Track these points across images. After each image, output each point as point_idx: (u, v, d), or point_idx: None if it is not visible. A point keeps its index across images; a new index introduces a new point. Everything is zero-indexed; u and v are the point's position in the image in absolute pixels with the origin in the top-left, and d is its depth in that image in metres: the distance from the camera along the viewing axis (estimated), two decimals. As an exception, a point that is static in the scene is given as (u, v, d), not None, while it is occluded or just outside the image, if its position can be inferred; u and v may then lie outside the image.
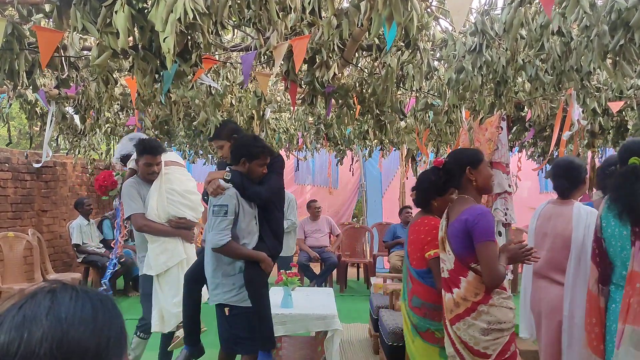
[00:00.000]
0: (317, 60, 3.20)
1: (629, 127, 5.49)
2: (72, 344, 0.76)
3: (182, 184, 3.92)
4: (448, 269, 2.62)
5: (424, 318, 2.92)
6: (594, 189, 6.36)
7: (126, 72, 3.92)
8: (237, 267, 3.31)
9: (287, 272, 4.46)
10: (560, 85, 3.38)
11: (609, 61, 2.67)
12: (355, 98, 3.94)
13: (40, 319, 0.76)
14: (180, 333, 3.74)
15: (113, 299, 0.88)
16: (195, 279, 3.56)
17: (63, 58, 3.45)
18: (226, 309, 3.33)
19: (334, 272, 7.97)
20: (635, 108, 4.88)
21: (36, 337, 0.74)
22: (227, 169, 3.42)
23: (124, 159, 4.11)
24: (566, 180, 3.07)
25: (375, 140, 7.41)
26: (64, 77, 3.60)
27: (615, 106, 4.04)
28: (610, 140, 6.06)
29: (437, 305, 2.81)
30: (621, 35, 2.41)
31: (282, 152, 9.19)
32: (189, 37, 2.63)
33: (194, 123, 5.16)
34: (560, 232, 3.00)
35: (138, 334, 3.96)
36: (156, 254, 3.71)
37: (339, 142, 7.58)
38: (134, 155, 3.85)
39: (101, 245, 7.45)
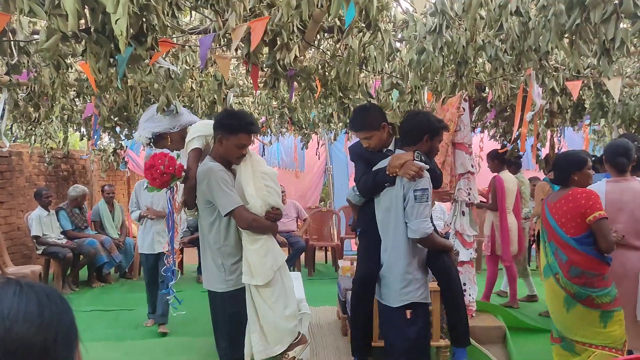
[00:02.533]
0: (278, 42, 3.15)
1: (586, 105, 5.61)
2: (16, 341, 0.72)
3: (265, 165, 3.26)
4: None
5: (584, 286, 3.15)
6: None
7: (80, 57, 3.78)
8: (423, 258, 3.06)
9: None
10: (520, 66, 3.42)
11: (565, 40, 2.70)
12: (317, 81, 3.90)
13: None
14: (296, 353, 3.05)
15: (61, 293, 0.83)
16: (369, 281, 3.17)
17: (12, 43, 3.31)
18: (408, 311, 2.98)
19: (302, 256, 7.98)
20: (592, 87, 4.99)
21: None
22: (396, 151, 3.12)
23: (157, 138, 3.21)
24: (625, 158, 3.50)
25: (340, 124, 7.39)
26: (14, 62, 3.45)
27: (572, 86, 4.11)
28: (569, 119, 6.20)
29: (596, 273, 3.13)
30: (577, 14, 2.43)
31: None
32: (144, 19, 2.54)
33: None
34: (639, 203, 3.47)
35: None
36: (261, 257, 2.93)
37: (304, 126, 7.54)
38: (199, 132, 3.10)
39: (62, 236, 7.25)
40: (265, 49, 3.36)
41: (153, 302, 5.33)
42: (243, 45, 3.23)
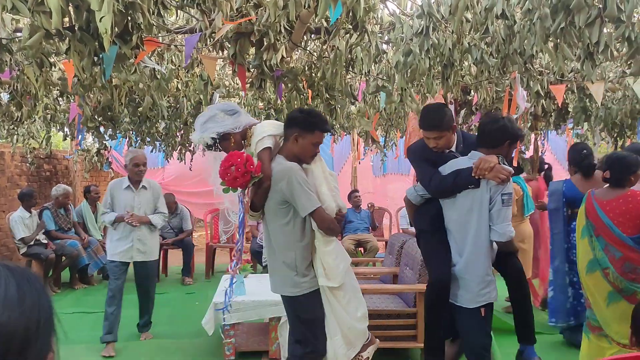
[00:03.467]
0: (265, 42, 3.14)
1: (570, 109, 5.68)
2: None
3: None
4: None
5: (633, 282, 3.23)
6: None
7: (64, 56, 3.73)
8: None
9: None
10: (505, 69, 3.45)
11: (550, 44, 2.73)
12: (304, 82, 3.90)
13: None
14: (368, 354, 3.02)
15: (37, 276, 0.79)
16: (446, 284, 3.13)
17: (-6, 40, 3.25)
18: (482, 309, 3.04)
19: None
20: (576, 91, 5.05)
21: None
22: (473, 152, 3.11)
23: (221, 139, 2.99)
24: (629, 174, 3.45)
25: (326, 125, 7.39)
26: (-5, 60, 3.40)
27: (556, 89, 4.15)
28: (552, 123, 6.27)
29: None
30: (562, 18, 2.46)
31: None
32: (129, 18, 2.51)
33: (139, 109, 5.00)
34: None
35: None
36: (334, 258, 2.87)
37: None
38: (269, 131, 2.96)
39: (43, 237, 7.14)
40: (252, 50, 3.35)
41: (112, 321, 4.54)
42: (229, 46, 3.22)
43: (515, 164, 5.20)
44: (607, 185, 3.44)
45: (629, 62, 3.29)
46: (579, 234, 3.49)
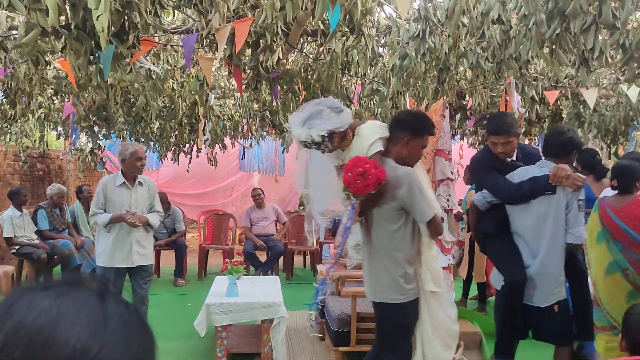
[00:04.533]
0: (261, 44, 3.14)
1: (564, 115, 5.71)
2: None
3: None
4: None
5: None
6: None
7: (59, 54, 3.72)
8: None
9: (232, 260, 4.40)
10: (500, 74, 3.47)
11: (546, 50, 2.75)
12: (300, 84, 3.90)
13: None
14: (459, 355, 3.10)
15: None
16: (523, 285, 3.25)
17: (-11, 37, 3.24)
18: (555, 306, 3.25)
19: (280, 260, 7.94)
20: (570, 97, 5.08)
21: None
22: (542, 160, 3.33)
23: (330, 136, 2.78)
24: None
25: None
26: (-10, 58, 3.39)
27: (551, 95, 4.18)
28: (546, 129, 6.30)
29: None
30: (557, 24, 2.48)
31: (227, 140, 9.06)
32: (126, 17, 2.51)
33: (134, 109, 4.98)
34: None
35: None
36: (434, 260, 2.91)
37: (285, 130, 7.53)
38: (379, 134, 2.84)
39: (35, 236, 7.10)
40: (248, 51, 3.35)
41: None
42: (226, 47, 3.22)
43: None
44: (616, 192, 3.54)
45: (622, 69, 3.32)
46: (594, 239, 3.58)
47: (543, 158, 3.41)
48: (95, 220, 4.28)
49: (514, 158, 3.45)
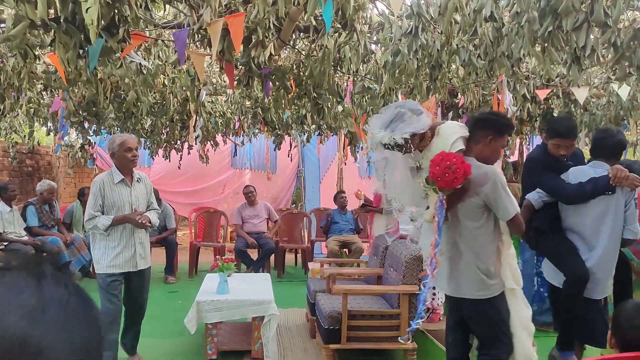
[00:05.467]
0: (253, 39, 3.12)
1: (555, 114, 5.73)
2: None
3: None
4: None
5: None
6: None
7: (49, 49, 3.68)
8: None
9: (223, 257, 4.39)
10: (492, 72, 3.47)
11: (538, 47, 2.75)
12: (292, 80, 3.88)
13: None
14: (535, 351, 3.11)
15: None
16: (585, 280, 3.40)
17: (-24, 30, 3.20)
18: (602, 300, 3.49)
19: (272, 257, 7.93)
20: (561, 96, 5.10)
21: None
22: (595, 161, 3.49)
23: (411, 138, 2.79)
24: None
25: (314, 125, 7.38)
26: (-23, 51, 3.34)
27: (542, 94, 4.19)
28: (537, 128, 6.32)
29: None
30: (550, 21, 2.48)
31: (219, 137, 9.02)
32: (116, 10, 2.48)
33: (125, 104, 4.94)
34: None
35: None
36: (512, 258, 2.95)
37: (277, 127, 7.51)
38: (459, 132, 2.87)
39: (24, 233, 7.03)
40: (240, 47, 3.33)
41: (116, 350, 3.80)
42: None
43: (501, 166, 5.25)
44: None
45: (614, 68, 3.33)
46: None
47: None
48: (95, 224, 3.71)
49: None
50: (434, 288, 4.79)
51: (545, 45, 2.62)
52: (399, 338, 3.73)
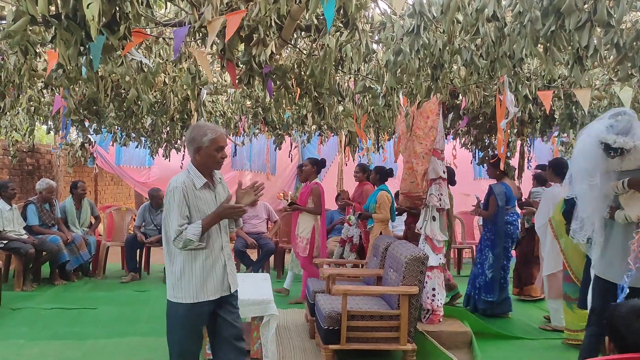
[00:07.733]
0: (254, 38, 3.11)
1: (556, 116, 5.72)
2: None
3: None
4: None
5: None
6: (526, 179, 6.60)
7: (49, 46, 3.67)
8: None
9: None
10: (494, 72, 3.45)
11: (540, 47, 2.74)
12: (293, 80, 3.87)
13: None
14: None
15: None
16: None
17: (-23, 27, 3.19)
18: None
19: (271, 258, 7.91)
20: (562, 98, 5.08)
21: None
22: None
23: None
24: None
25: (314, 125, 7.37)
26: (-22, 48, 3.33)
27: (544, 95, 4.17)
28: (539, 130, 6.31)
29: None
30: (552, 21, 2.47)
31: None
32: (117, 7, 2.47)
33: (125, 102, 4.93)
34: None
35: None
36: None
37: (277, 127, 7.50)
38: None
39: (24, 231, 7.02)
40: (241, 46, 3.32)
41: None
42: (218, 41, 3.18)
43: (502, 167, 5.24)
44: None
45: (616, 69, 3.32)
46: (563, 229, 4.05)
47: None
48: (185, 239, 2.83)
49: None
50: (433, 289, 4.78)
51: (548, 45, 2.61)
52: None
